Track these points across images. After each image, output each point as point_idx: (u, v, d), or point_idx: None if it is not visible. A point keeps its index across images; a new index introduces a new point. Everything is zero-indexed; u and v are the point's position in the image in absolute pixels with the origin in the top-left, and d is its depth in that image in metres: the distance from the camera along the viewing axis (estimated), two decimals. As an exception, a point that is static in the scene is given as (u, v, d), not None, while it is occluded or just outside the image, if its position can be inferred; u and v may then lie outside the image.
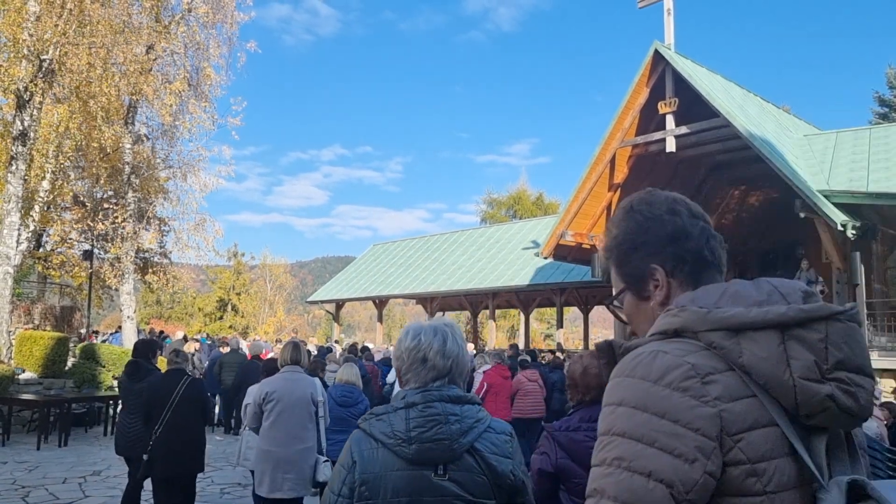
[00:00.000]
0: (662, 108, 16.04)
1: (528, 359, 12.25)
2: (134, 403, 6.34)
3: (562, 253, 18.62)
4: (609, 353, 1.18)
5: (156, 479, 5.72)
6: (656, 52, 16.07)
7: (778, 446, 1.01)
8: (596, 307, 29.48)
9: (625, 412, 1.03)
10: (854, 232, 13.00)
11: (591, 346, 27.74)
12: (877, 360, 13.25)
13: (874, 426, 7.48)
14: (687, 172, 18.88)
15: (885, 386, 12.54)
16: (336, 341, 25.37)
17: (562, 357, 12.37)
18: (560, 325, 27.55)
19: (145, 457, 5.65)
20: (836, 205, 13.26)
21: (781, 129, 17.95)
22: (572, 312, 40.16)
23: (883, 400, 8.80)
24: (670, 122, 15.97)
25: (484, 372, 10.26)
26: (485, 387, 10.02)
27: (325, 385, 6.82)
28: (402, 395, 2.07)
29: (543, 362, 12.51)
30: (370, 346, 19.07)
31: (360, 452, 1.97)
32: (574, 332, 49.35)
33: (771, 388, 1.02)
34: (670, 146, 15.93)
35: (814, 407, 1.02)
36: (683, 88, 15.57)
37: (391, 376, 11.22)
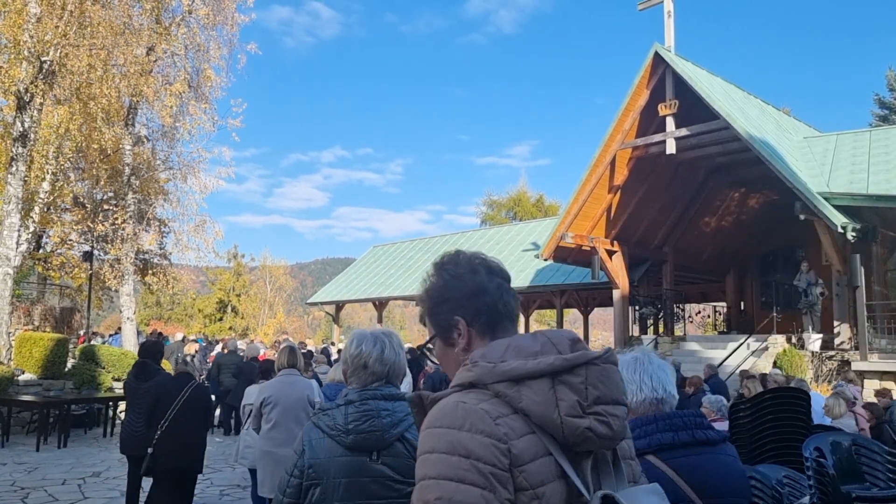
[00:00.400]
0: (663, 110, 16.05)
1: None
2: (140, 403, 6.42)
3: (562, 255, 18.62)
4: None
5: (158, 473, 5.81)
6: (656, 54, 16.08)
7: (552, 472, 1.24)
8: (596, 309, 29.48)
9: (437, 458, 1.23)
10: (854, 234, 13.00)
11: (591, 348, 27.62)
12: (877, 363, 13.24)
13: (852, 424, 7.54)
14: (687, 174, 18.89)
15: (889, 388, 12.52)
16: (332, 343, 25.38)
17: None
18: (560, 326, 27.55)
19: (150, 450, 5.74)
20: (836, 207, 13.26)
21: (781, 132, 17.96)
22: (572, 314, 40.16)
23: (865, 402, 8.88)
24: (670, 124, 15.98)
25: None
26: None
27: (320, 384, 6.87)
28: (344, 393, 2.45)
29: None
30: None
31: (310, 441, 2.37)
32: (574, 334, 49.32)
33: (545, 425, 1.25)
34: (670, 148, 15.93)
35: (576, 438, 1.25)
36: (684, 90, 15.58)
37: None
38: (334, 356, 15.44)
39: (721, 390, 10.35)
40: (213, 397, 12.87)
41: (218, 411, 13.30)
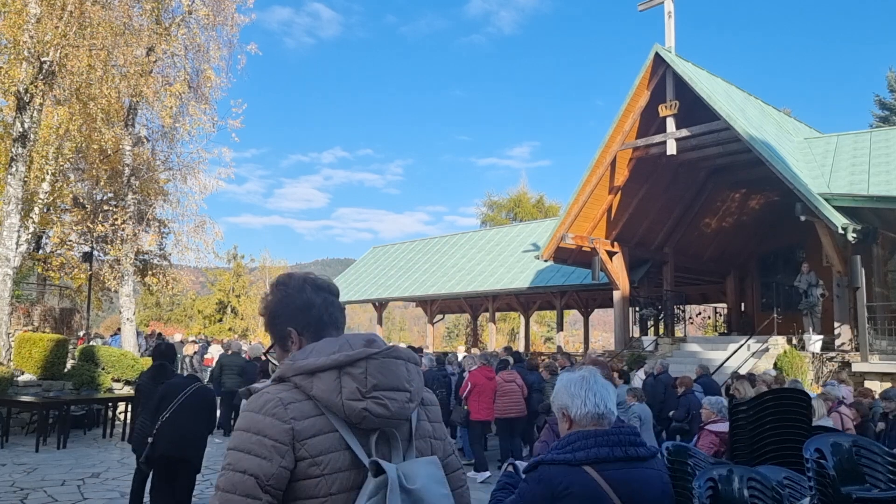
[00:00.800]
0: (663, 110, 16.04)
1: (510, 360, 12.61)
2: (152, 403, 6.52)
3: (562, 256, 18.60)
4: (248, 395, 1.74)
5: (157, 461, 6.00)
6: (657, 54, 16.08)
7: (335, 445, 1.57)
8: (596, 310, 29.46)
9: (238, 434, 1.57)
10: (855, 235, 12.99)
11: (591, 349, 27.67)
12: (878, 364, 13.22)
13: (831, 424, 7.52)
14: (687, 175, 18.87)
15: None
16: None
17: (537, 359, 12.72)
18: (560, 328, 27.55)
19: (150, 440, 5.92)
20: (837, 208, 13.25)
21: (782, 133, 17.94)
22: (572, 315, 40.13)
23: (852, 400, 8.95)
24: (671, 124, 15.97)
25: (469, 372, 10.77)
26: (469, 386, 10.44)
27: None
28: None
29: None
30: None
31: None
32: (574, 335, 49.31)
33: (330, 408, 1.58)
34: (671, 149, 15.92)
35: (356, 417, 1.58)
36: (684, 91, 15.57)
37: None
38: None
39: (711, 390, 10.33)
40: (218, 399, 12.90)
41: (218, 413, 13.29)
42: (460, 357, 14.93)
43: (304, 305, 1.79)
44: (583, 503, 2.27)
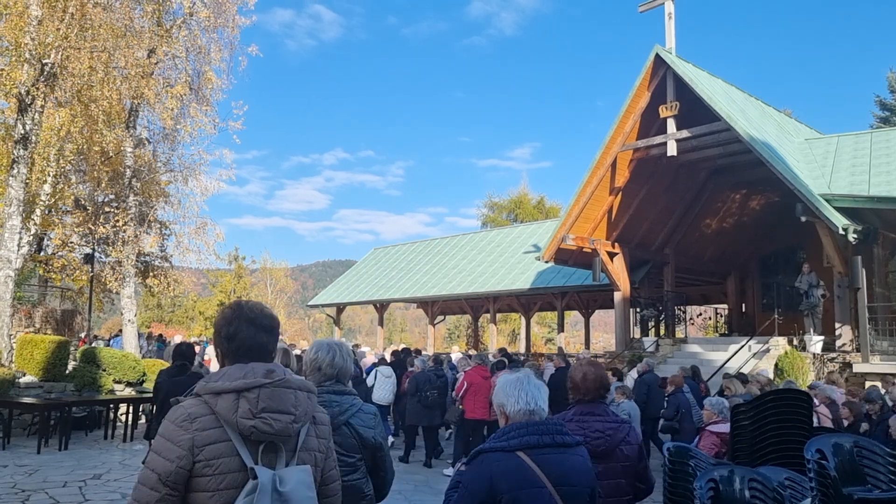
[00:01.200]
0: (663, 111, 16.05)
1: (505, 361, 12.78)
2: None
3: (563, 257, 18.62)
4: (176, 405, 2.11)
5: None
6: (657, 56, 16.09)
7: (227, 451, 1.97)
8: (597, 311, 29.47)
9: (157, 439, 2.01)
10: (855, 236, 12.99)
11: (583, 351, 27.65)
12: (879, 365, 13.22)
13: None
14: (688, 176, 18.88)
15: (886, 390, 12.50)
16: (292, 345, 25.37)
17: (531, 360, 12.90)
18: (561, 329, 27.54)
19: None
20: (838, 209, 13.26)
21: (783, 133, 17.95)
22: (573, 316, 40.13)
23: (845, 400, 9.04)
24: (671, 125, 15.98)
25: (465, 372, 11.01)
26: (465, 385, 10.62)
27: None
28: None
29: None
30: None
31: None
32: (575, 336, 49.30)
33: (227, 423, 1.98)
34: (671, 150, 15.93)
35: (247, 431, 1.98)
36: (684, 92, 15.59)
37: (370, 379, 12.65)
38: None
39: (694, 392, 10.37)
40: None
41: None
42: (454, 358, 15.05)
43: (229, 335, 2.16)
44: (517, 482, 2.65)
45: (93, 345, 16.93)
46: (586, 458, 2.89)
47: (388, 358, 14.25)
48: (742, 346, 15.52)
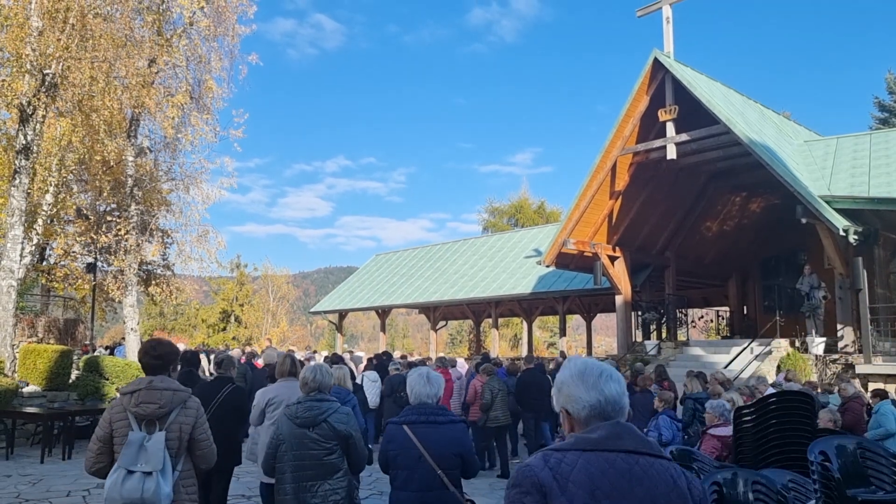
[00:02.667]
0: (663, 115, 16.08)
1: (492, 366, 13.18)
2: None
3: (564, 261, 18.63)
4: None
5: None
6: (656, 60, 16.13)
7: (126, 424, 3.85)
8: (599, 315, 29.45)
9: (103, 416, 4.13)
10: (856, 237, 13.00)
11: (594, 354, 27.60)
12: (881, 366, 13.22)
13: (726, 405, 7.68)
14: (688, 179, 18.91)
15: (890, 391, 12.51)
16: (315, 351, 25.61)
17: (515, 364, 13.43)
18: (563, 333, 27.52)
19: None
20: (838, 210, 13.27)
21: (782, 136, 17.98)
22: (575, 320, 40.09)
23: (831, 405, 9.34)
24: (671, 129, 16.01)
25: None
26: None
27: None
28: (298, 398, 4.62)
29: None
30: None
31: (280, 421, 4.53)
32: (577, 340, 49.26)
33: (127, 409, 3.89)
34: (671, 153, 15.95)
35: (133, 412, 3.83)
36: (683, 96, 15.62)
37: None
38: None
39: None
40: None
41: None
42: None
43: (138, 360, 4.15)
44: (398, 445, 4.09)
45: (95, 353, 16.95)
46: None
47: (363, 363, 14.83)
48: (744, 349, 15.52)
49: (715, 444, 6.70)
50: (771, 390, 9.24)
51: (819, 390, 11.12)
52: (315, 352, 21.62)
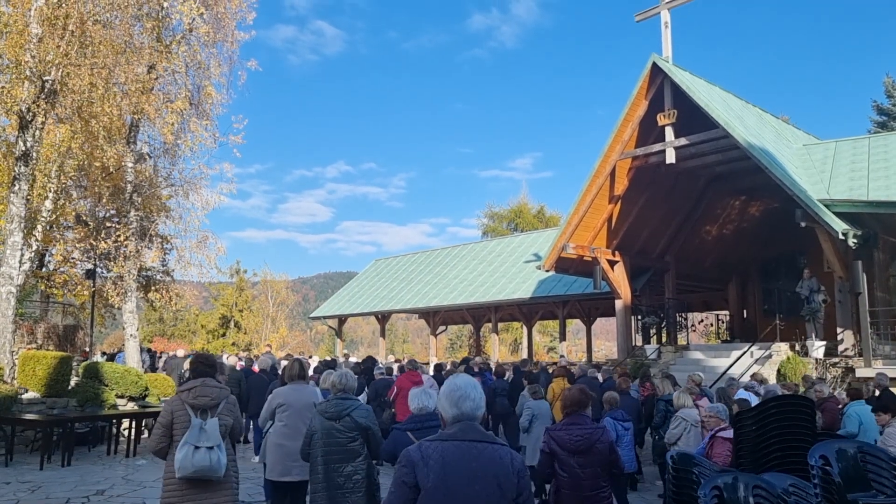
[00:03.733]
0: (662, 119, 16.11)
1: (475, 369, 14.12)
2: None
3: (563, 265, 18.63)
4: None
5: None
6: (654, 64, 16.17)
7: (185, 414, 4.87)
8: (599, 319, 29.45)
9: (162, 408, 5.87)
10: (855, 240, 13.01)
11: (594, 359, 27.61)
12: (881, 369, 13.20)
13: (695, 414, 7.95)
14: (687, 184, 18.93)
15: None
16: (311, 356, 25.83)
17: (502, 367, 14.09)
18: (563, 337, 27.53)
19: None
20: (837, 214, 13.28)
21: (780, 139, 18.00)
22: (575, 324, 40.10)
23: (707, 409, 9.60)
24: (669, 133, 16.03)
25: (396, 378, 12.19)
26: (395, 390, 11.42)
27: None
28: (328, 397, 5.68)
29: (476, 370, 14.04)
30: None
31: (313, 418, 5.47)
32: (577, 345, 49.23)
33: (184, 402, 4.98)
34: (670, 157, 15.98)
35: (190, 404, 4.89)
36: (682, 100, 15.65)
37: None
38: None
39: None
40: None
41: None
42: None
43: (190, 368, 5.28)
44: (401, 446, 4.19)
45: (94, 359, 16.92)
46: (505, 452, 4.20)
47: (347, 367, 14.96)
48: (744, 353, 15.51)
49: (728, 448, 6.64)
50: (742, 392, 9.85)
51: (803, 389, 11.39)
52: (311, 356, 21.66)
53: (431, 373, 14.59)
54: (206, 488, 4.75)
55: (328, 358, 18.71)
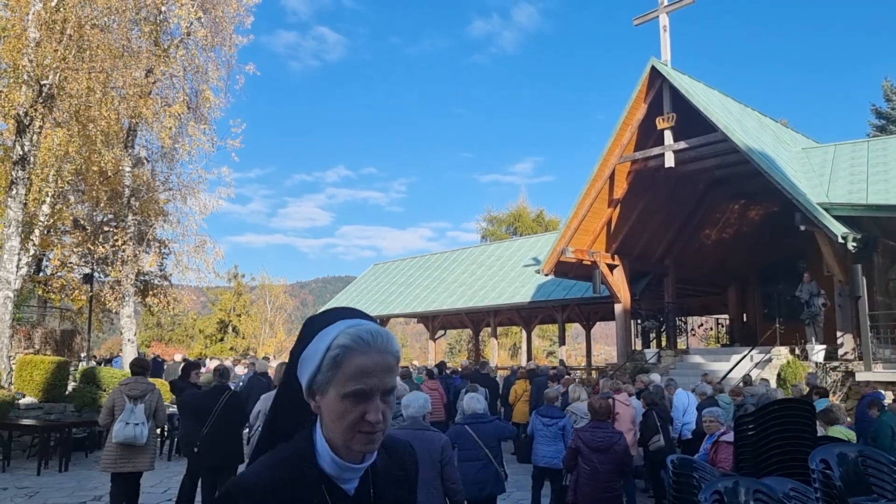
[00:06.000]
0: (661, 123, 16.08)
1: (435, 371, 15.21)
2: (181, 413, 8.28)
3: (563, 269, 18.58)
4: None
5: (202, 467, 7.41)
6: (653, 68, 16.15)
7: (121, 400, 7.06)
8: (598, 323, 29.39)
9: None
10: (855, 244, 12.98)
11: (594, 363, 27.56)
12: (881, 373, 13.17)
13: (583, 408, 8.37)
14: (686, 187, 18.90)
15: (889, 399, 12.46)
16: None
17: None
18: (562, 341, 27.46)
19: (195, 449, 7.34)
20: (836, 217, 13.25)
21: (780, 143, 17.99)
22: (574, 329, 40.03)
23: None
24: (669, 137, 16.00)
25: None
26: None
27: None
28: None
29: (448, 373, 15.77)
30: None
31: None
32: (577, 349, 49.16)
33: (123, 393, 7.11)
34: (669, 161, 15.94)
35: (127, 393, 7.20)
36: (681, 104, 15.63)
37: None
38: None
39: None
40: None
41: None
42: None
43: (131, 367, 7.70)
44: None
45: (90, 363, 16.86)
46: (436, 436, 5.07)
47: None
48: (744, 357, 15.46)
49: (731, 452, 6.61)
50: (681, 392, 10.72)
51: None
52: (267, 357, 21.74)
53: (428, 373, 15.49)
54: (132, 451, 6.92)
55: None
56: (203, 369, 18.02)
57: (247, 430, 7.44)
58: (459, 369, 16.27)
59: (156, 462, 7.52)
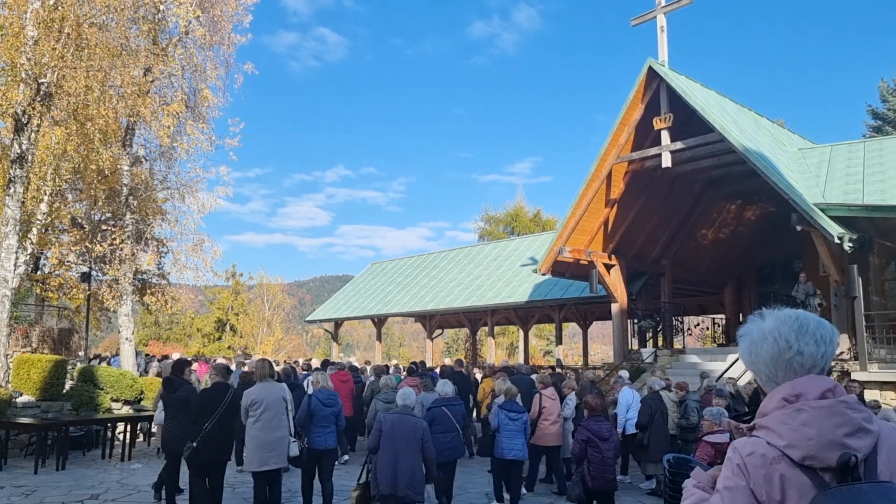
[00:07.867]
0: (658, 123, 16.12)
1: (415, 368, 15.65)
2: (173, 409, 8.20)
3: (560, 269, 18.63)
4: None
5: (200, 463, 7.33)
6: (650, 68, 16.19)
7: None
8: (595, 323, 29.44)
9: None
10: (851, 245, 13.02)
11: (591, 362, 27.60)
12: (877, 373, 13.22)
13: (573, 404, 10.07)
14: (683, 188, 18.95)
15: (885, 399, 12.51)
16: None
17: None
18: (559, 341, 27.50)
19: (193, 444, 7.22)
20: (833, 218, 13.29)
21: (776, 143, 18.04)
22: (571, 328, 40.07)
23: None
24: (665, 137, 16.04)
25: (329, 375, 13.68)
26: None
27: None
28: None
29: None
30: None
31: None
32: (574, 348, 49.21)
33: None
34: (666, 161, 15.99)
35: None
36: (678, 104, 15.67)
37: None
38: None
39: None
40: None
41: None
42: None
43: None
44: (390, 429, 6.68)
45: (90, 363, 16.86)
46: (417, 423, 6.77)
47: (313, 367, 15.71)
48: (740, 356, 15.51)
49: (708, 451, 6.79)
50: (626, 389, 11.42)
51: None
52: (309, 359, 21.88)
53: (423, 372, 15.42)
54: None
55: (383, 364, 19.17)
56: (198, 366, 18.03)
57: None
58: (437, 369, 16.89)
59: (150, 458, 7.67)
